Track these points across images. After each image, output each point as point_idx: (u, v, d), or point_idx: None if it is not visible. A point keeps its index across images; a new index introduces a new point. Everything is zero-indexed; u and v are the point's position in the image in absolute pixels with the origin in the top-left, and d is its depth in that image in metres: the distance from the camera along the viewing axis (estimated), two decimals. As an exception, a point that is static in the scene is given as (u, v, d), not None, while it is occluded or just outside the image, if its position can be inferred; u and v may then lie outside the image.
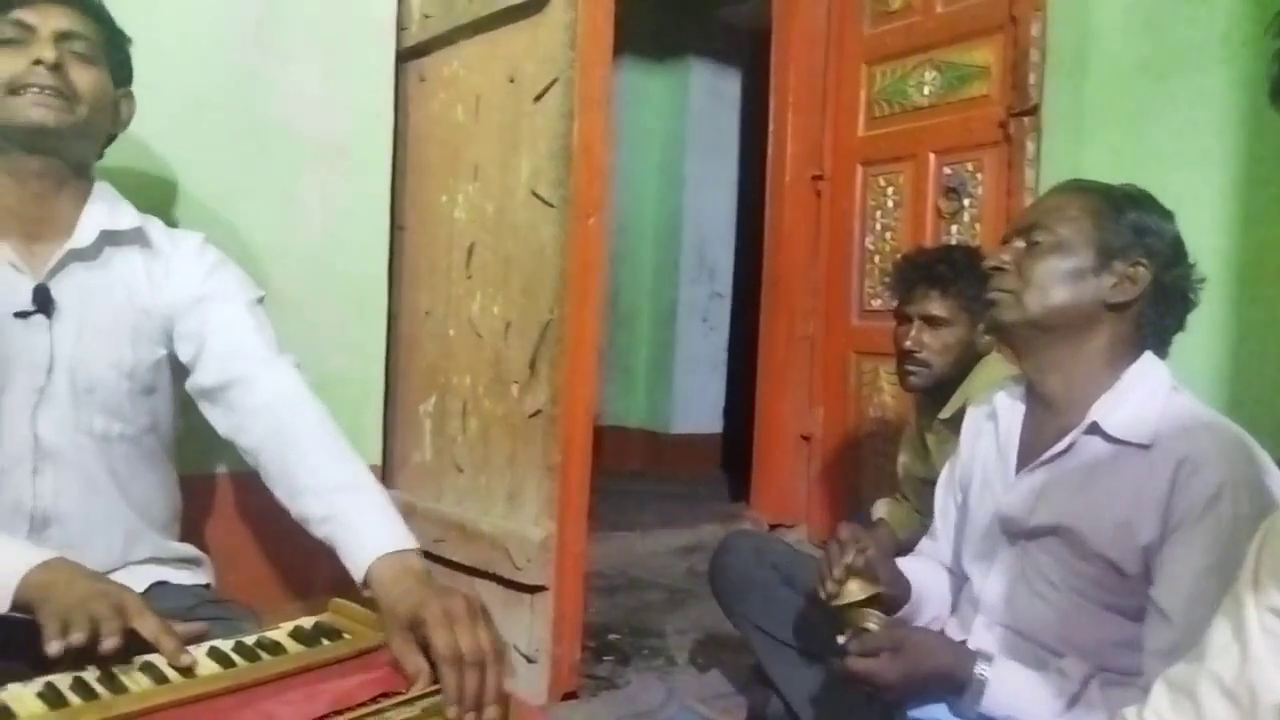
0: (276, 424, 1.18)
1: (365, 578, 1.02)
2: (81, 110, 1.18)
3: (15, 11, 1.15)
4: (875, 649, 1.09)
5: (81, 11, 1.20)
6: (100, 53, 1.22)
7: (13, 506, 1.20)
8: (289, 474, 1.15)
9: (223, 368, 1.23)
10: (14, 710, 0.85)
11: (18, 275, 1.18)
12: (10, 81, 1.13)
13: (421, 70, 1.88)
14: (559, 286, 1.58)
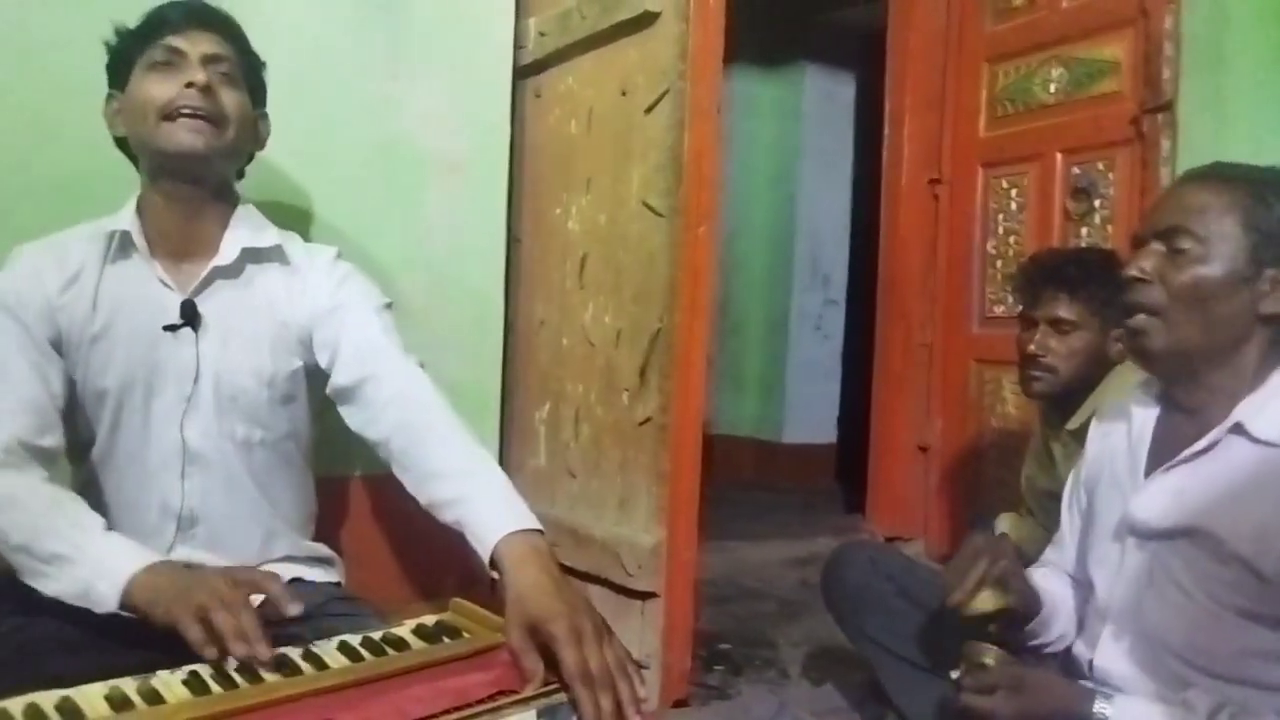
0: (404, 415, 1.23)
1: (491, 557, 1.05)
2: (229, 132, 1.26)
3: (167, 38, 1.23)
4: (991, 686, 1.05)
5: (226, 37, 1.28)
6: (241, 75, 1.30)
7: (162, 507, 1.29)
8: (417, 461, 1.19)
9: (356, 367, 1.29)
10: (163, 695, 0.92)
11: (167, 291, 1.27)
12: (164, 106, 1.21)
13: (537, 86, 1.93)
14: (669, 295, 1.59)
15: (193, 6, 1.27)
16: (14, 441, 1.14)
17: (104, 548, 1.10)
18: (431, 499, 1.17)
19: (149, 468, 1.28)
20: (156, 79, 1.22)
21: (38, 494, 1.13)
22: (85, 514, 1.13)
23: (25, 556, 1.10)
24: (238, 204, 1.35)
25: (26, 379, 1.18)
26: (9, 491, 1.11)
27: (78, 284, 1.24)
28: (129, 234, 1.26)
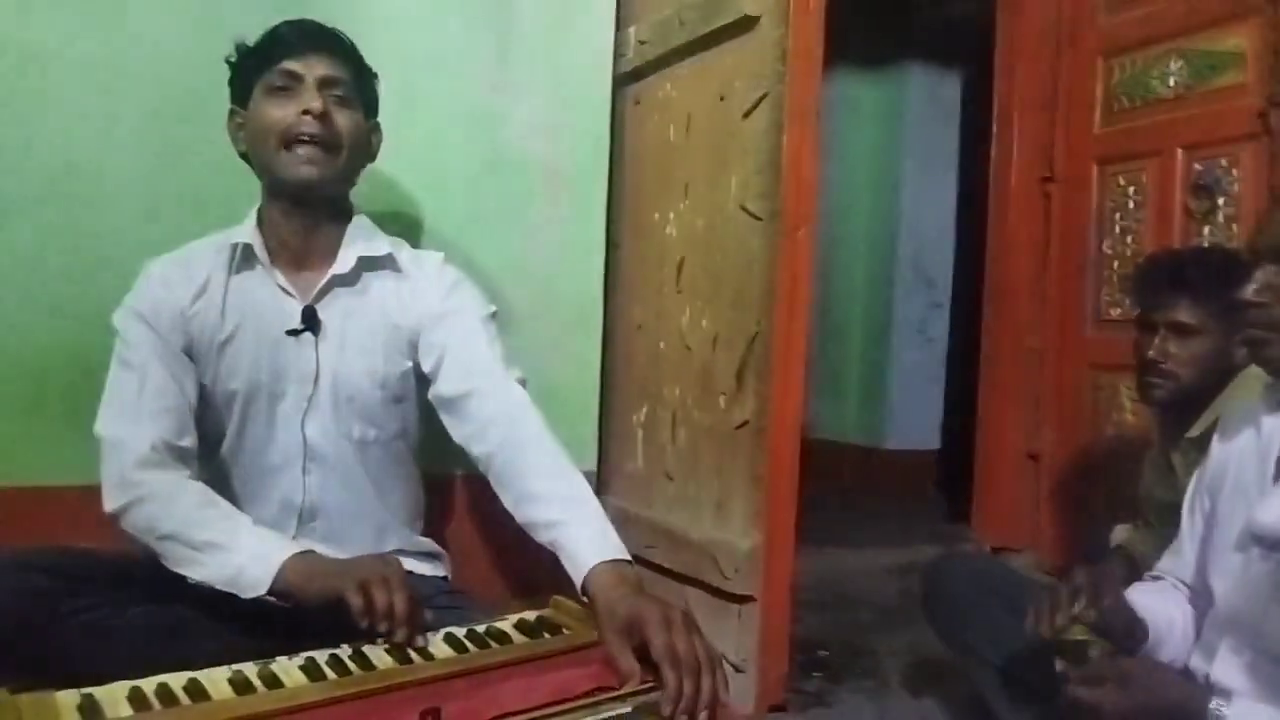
0: (506, 435, 1.27)
1: (584, 582, 1.09)
2: (341, 155, 1.32)
3: (284, 61, 1.30)
4: (1099, 677, 1.02)
5: (340, 57, 1.34)
6: (355, 92, 1.36)
7: (284, 502, 1.36)
8: (516, 482, 1.23)
9: (460, 380, 1.33)
10: (281, 680, 0.97)
11: (289, 299, 1.35)
12: (283, 132, 1.28)
13: (637, 94, 1.96)
14: (767, 299, 1.59)
15: (308, 28, 1.33)
16: (159, 441, 1.23)
17: (255, 536, 1.19)
18: (529, 519, 1.21)
19: (273, 464, 1.36)
20: (275, 104, 1.29)
21: (187, 488, 1.22)
22: (231, 507, 1.23)
23: (174, 544, 1.18)
24: (352, 215, 1.41)
25: (165, 385, 1.27)
26: (159, 486, 1.21)
27: (206, 294, 1.32)
28: (251, 246, 1.34)
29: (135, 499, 1.20)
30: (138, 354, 1.28)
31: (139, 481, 1.21)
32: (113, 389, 1.28)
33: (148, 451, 1.22)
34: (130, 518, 1.21)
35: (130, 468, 1.21)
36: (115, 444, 1.23)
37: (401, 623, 1.06)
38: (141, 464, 1.21)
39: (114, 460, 1.22)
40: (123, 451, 1.22)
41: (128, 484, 1.21)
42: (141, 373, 1.27)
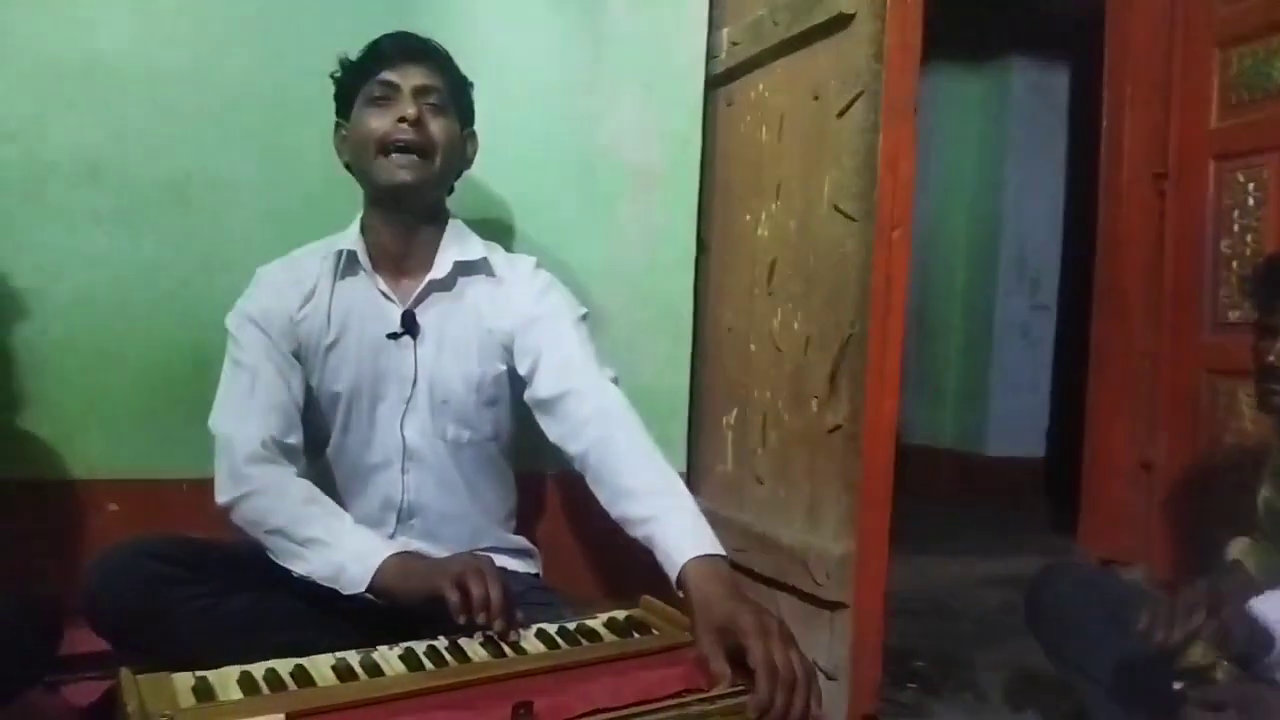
0: (601, 433, 1.28)
1: (679, 577, 1.09)
2: (436, 160, 1.36)
3: (382, 73, 1.35)
4: (1219, 703, 0.96)
5: (435, 67, 1.38)
6: (450, 101, 1.40)
7: (384, 500, 1.41)
8: (611, 478, 1.24)
9: (555, 381, 1.35)
10: (382, 668, 1.01)
11: (389, 303, 1.40)
12: (380, 140, 1.33)
13: (729, 95, 1.95)
14: (861, 300, 1.56)
15: (405, 41, 1.38)
16: (268, 438, 1.29)
17: (357, 536, 1.24)
18: (623, 515, 1.21)
19: (373, 463, 1.41)
20: (373, 113, 1.35)
21: (294, 485, 1.28)
22: (336, 507, 1.29)
23: (281, 539, 1.24)
24: (448, 221, 1.45)
25: (275, 385, 1.34)
26: (268, 482, 1.27)
27: (313, 299, 1.38)
28: (354, 253, 1.39)
29: (245, 493, 1.26)
30: (249, 355, 1.34)
31: (249, 476, 1.26)
32: (226, 388, 1.35)
33: (257, 448, 1.28)
34: (240, 511, 1.27)
35: (241, 462, 1.27)
36: (227, 439, 1.29)
37: (496, 615, 1.08)
38: (251, 459, 1.27)
39: (226, 455, 1.29)
40: (234, 447, 1.28)
41: (239, 478, 1.27)
42: (253, 373, 1.33)
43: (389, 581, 1.18)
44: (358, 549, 1.21)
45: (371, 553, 1.21)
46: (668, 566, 1.12)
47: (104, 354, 1.60)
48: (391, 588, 1.18)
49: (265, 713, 0.87)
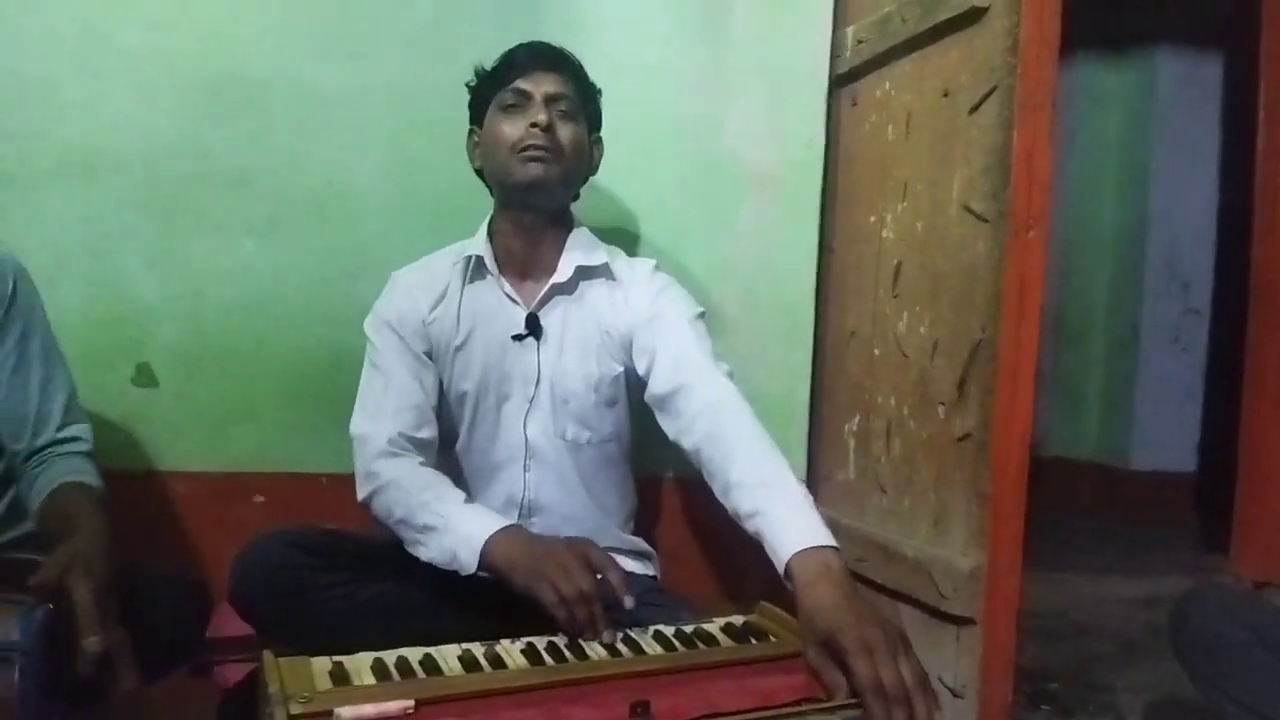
0: (713, 426, 1.28)
1: (785, 570, 1.08)
2: (566, 162, 1.40)
3: (516, 81, 1.41)
4: None
5: (566, 75, 1.43)
6: (579, 108, 1.44)
7: (507, 497, 1.45)
8: (722, 472, 1.24)
9: (669, 377, 1.36)
10: (505, 661, 1.04)
11: (514, 306, 1.44)
12: (514, 144, 1.38)
13: (854, 94, 1.92)
14: (992, 304, 1.50)
15: (538, 50, 1.43)
16: (398, 435, 1.35)
17: (463, 517, 1.27)
18: (735, 509, 1.21)
19: (498, 461, 1.45)
20: (507, 119, 1.40)
21: (414, 475, 1.34)
22: (449, 489, 1.32)
23: (405, 528, 1.30)
24: (573, 226, 1.49)
25: (407, 384, 1.40)
26: (393, 475, 1.33)
27: (444, 302, 1.44)
28: (482, 258, 1.44)
29: (377, 488, 1.33)
30: (384, 358, 1.41)
31: (378, 471, 1.33)
32: (363, 390, 1.42)
33: (385, 445, 1.34)
34: (375, 506, 1.33)
35: (371, 459, 1.34)
36: (362, 439, 1.36)
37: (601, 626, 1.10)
38: (381, 455, 1.34)
39: (360, 454, 1.36)
40: (367, 446, 1.35)
41: (370, 474, 1.34)
42: (387, 375, 1.40)
43: (496, 561, 1.20)
44: (467, 532, 1.24)
45: (477, 534, 1.22)
46: (775, 561, 1.10)
47: (251, 355, 1.71)
48: (499, 567, 1.20)
49: (396, 698, 0.90)
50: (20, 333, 1.25)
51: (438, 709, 0.91)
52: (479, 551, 1.21)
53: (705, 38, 1.86)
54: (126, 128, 1.61)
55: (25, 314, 1.26)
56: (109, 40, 1.61)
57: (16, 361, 1.25)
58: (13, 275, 1.26)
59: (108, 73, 1.61)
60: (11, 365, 1.25)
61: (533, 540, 1.23)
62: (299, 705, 0.87)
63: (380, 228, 1.74)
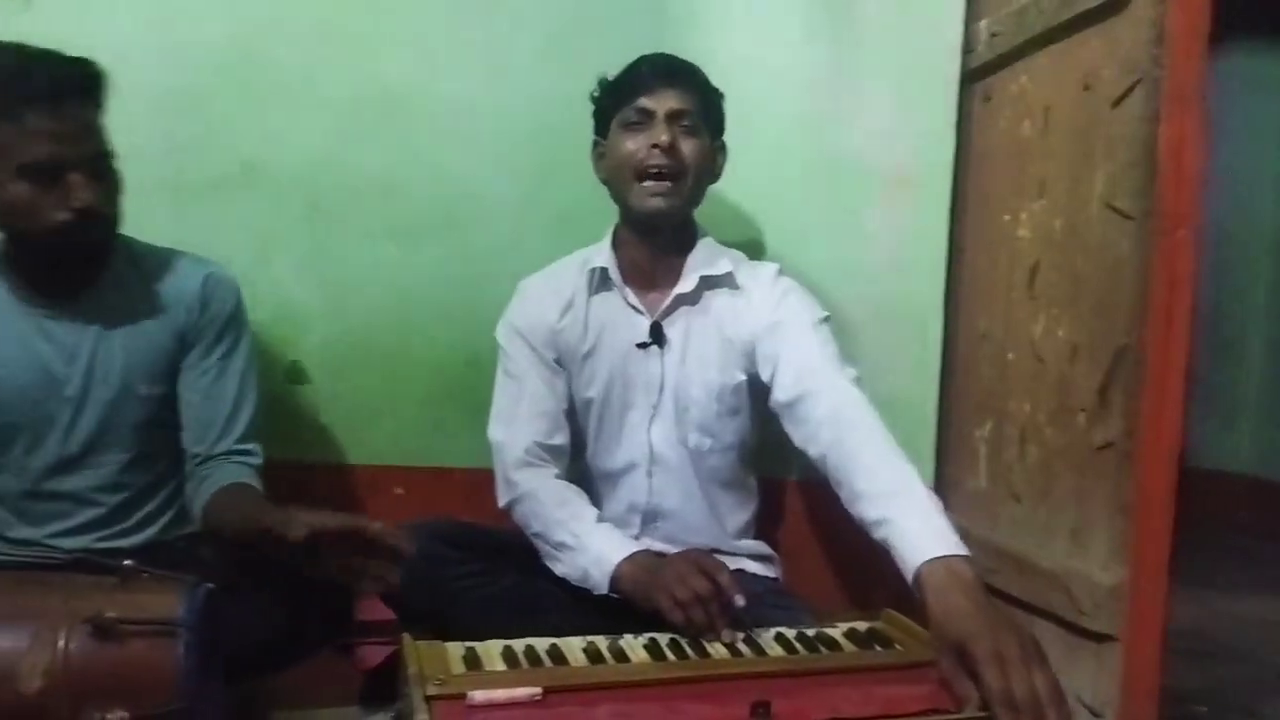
0: (838, 434, 1.27)
1: (915, 580, 1.05)
2: (687, 183, 1.41)
3: (639, 99, 1.42)
4: None
5: (689, 88, 1.43)
6: (702, 119, 1.44)
7: (630, 503, 1.48)
8: (849, 480, 1.23)
9: (794, 385, 1.35)
10: (628, 655, 1.06)
11: (638, 315, 1.47)
12: (636, 165, 1.40)
13: (987, 90, 1.86)
14: (1137, 307, 1.43)
15: (660, 65, 1.43)
16: (532, 444, 1.41)
17: (597, 539, 1.32)
18: (862, 517, 1.19)
19: (621, 467, 1.49)
20: (630, 137, 1.42)
21: (550, 489, 1.39)
22: (584, 508, 1.37)
23: (541, 542, 1.36)
24: (697, 235, 1.50)
25: (539, 391, 1.45)
26: (531, 487, 1.39)
27: (571, 311, 1.48)
28: (607, 270, 1.47)
29: (515, 497, 1.40)
30: (516, 365, 1.47)
31: (517, 481, 1.39)
32: (498, 397, 1.48)
33: (522, 454, 1.41)
34: (515, 514, 1.41)
35: (510, 468, 1.40)
36: (499, 446, 1.43)
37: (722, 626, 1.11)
38: (517, 465, 1.40)
39: (499, 461, 1.43)
40: (505, 453, 1.42)
41: (510, 483, 1.41)
42: (519, 382, 1.46)
43: (625, 585, 1.25)
44: (600, 552, 1.29)
45: (608, 559, 1.28)
46: (904, 570, 1.08)
47: (393, 354, 1.79)
48: (628, 591, 1.25)
49: (525, 685, 0.94)
50: (228, 348, 1.38)
51: (564, 697, 0.94)
52: (610, 575, 1.25)
53: (831, 35, 1.84)
54: (281, 141, 1.73)
55: (236, 332, 1.39)
56: (264, 58, 1.72)
57: (218, 373, 1.36)
58: (235, 296, 1.40)
59: (263, 89, 1.73)
60: (213, 375, 1.36)
61: (657, 560, 1.26)
62: (435, 687, 0.92)
63: (514, 233, 1.80)
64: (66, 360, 1.29)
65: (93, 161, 1.23)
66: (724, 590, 1.13)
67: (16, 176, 1.18)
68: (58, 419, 1.29)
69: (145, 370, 1.33)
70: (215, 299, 1.37)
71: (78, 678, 0.86)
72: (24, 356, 1.28)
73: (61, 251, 1.25)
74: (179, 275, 1.37)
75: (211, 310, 1.37)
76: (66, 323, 1.30)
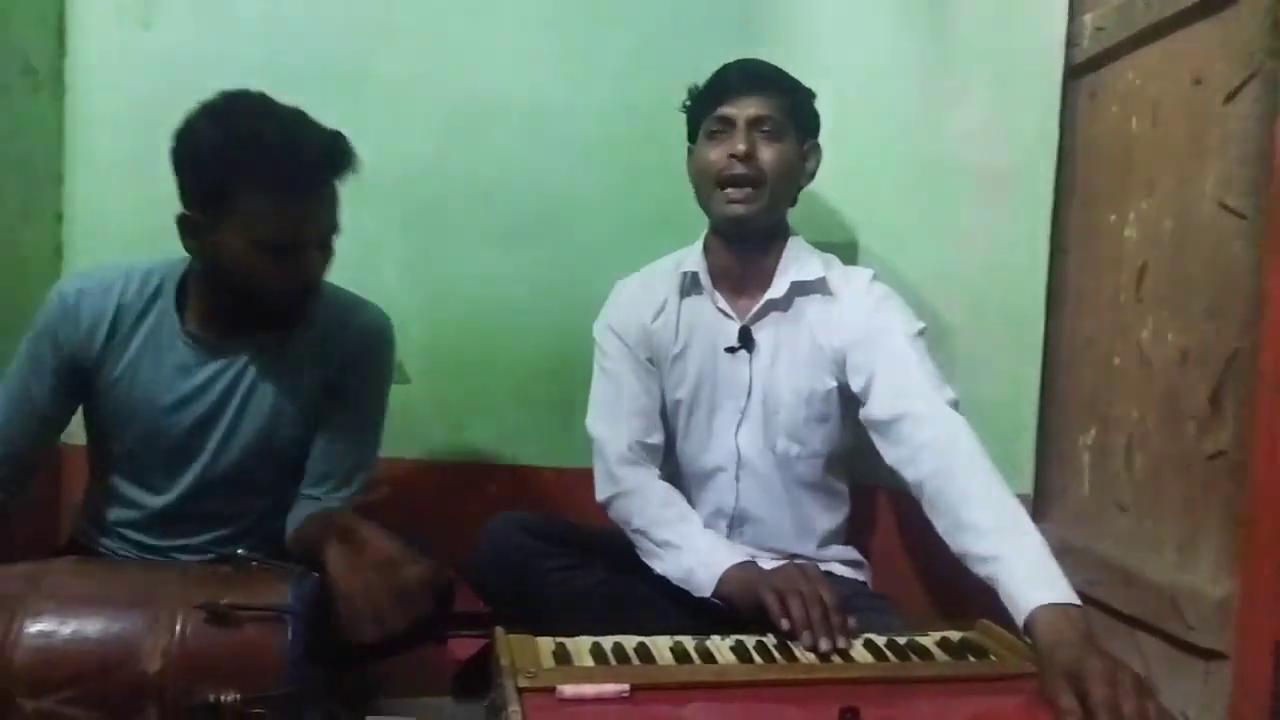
0: (939, 463, 1.24)
1: (1025, 623, 1.04)
2: (767, 189, 1.40)
3: (720, 108, 1.42)
4: None
5: (770, 95, 1.42)
6: (787, 123, 1.42)
7: (716, 507, 1.49)
8: (950, 510, 1.20)
9: (891, 403, 1.33)
10: (714, 656, 1.07)
11: (727, 320, 1.47)
12: (716, 173, 1.41)
13: (1092, 86, 1.80)
14: (1251, 311, 1.36)
15: (741, 72, 1.43)
16: (634, 442, 1.44)
17: (705, 543, 1.34)
18: (964, 551, 1.17)
19: (708, 470, 1.49)
20: (711, 145, 1.43)
21: (655, 489, 1.41)
22: (689, 510, 1.40)
23: (643, 539, 1.38)
24: (788, 237, 1.49)
25: (636, 390, 1.48)
26: (635, 484, 1.41)
27: (664, 314, 1.50)
28: (697, 275, 1.48)
29: (617, 493, 1.41)
30: (613, 363, 1.49)
31: (620, 477, 1.41)
32: (596, 393, 1.51)
33: (625, 450, 1.43)
34: (613, 509, 1.43)
35: (613, 464, 1.42)
36: (601, 442, 1.45)
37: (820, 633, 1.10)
38: (621, 461, 1.42)
39: (600, 457, 1.45)
40: (608, 448, 1.44)
41: (613, 478, 1.42)
42: (617, 380, 1.48)
43: (730, 590, 1.26)
44: (705, 556, 1.30)
45: (715, 561, 1.29)
46: (1013, 611, 1.06)
47: (488, 357, 1.85)
48: (732, 596, 1.25)
49: (613, 681, 0.96)
50: (367, 405, 1.40)
51: (651, 695, 0.95)
52: (716, 579, 1.26)
53: (928, 32, 1.80)
54: (385, 152, 1.77)
55: (379, 387, 1.42)
56: (370, 71, 1.79)
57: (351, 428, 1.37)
58: (387, 351, 1.42)
59: (369, 101, 1.80)
60: (346, 428, 1.36)
61: (765, 570, 1.27)
62: (526, 679, 0.95)
63: (605, 237, 1.83)
64: (223, 394, 1.32)
65: (328, 237, 1.27)
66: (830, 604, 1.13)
67: (254, 248, 1.20)
68: (205, 448, 1.33)
69: (292, 414, 1.35)
70: (366, 354, 1.38)
71: (194, 659, 0.91)
72: (184, 387, 1.31)
73: (273, 312, 1.28)
74: (344, 330, 1.37)
75: (361, 369, 1.38)
76: (228, 358, 1.33)
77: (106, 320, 1.30)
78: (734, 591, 1.25)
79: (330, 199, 1.26)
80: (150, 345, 1.31)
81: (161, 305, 1.32)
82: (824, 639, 1.09)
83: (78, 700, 0.87)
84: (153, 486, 1.35)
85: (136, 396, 1.31)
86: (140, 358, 1.31)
